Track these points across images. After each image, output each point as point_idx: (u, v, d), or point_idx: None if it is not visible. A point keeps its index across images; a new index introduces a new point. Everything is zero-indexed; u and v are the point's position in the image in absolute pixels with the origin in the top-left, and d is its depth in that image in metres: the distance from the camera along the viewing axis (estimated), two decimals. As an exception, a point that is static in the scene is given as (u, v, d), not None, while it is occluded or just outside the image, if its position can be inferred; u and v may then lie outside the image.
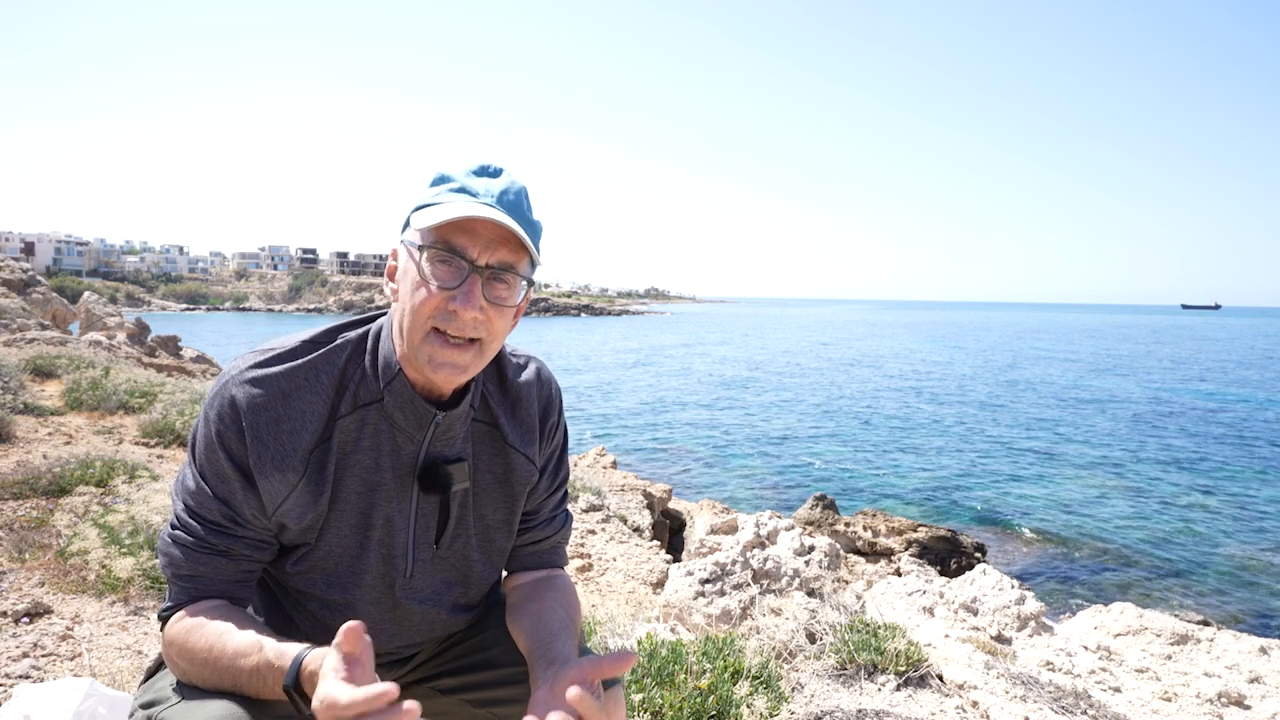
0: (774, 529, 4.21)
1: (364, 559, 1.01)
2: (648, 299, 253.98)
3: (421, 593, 1.07)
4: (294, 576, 1.02)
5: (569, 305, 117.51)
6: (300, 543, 0.99)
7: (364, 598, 1.03)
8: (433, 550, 1.05)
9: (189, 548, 0.94)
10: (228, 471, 0.92)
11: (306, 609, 1.04)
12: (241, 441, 0.91)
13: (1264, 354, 50.74)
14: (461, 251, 0.90)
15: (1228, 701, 2.92)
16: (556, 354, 44.12)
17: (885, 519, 9.45)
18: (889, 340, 65.43)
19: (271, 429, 0.92)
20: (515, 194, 0.95)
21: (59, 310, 14.78)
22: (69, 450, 4.47)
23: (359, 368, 0.99)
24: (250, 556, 0.97)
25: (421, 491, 1.02)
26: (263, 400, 0.92)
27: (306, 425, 0.94)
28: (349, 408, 0.97)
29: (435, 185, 0.95)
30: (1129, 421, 20.91)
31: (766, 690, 2.15)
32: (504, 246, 0.92)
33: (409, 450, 1.01)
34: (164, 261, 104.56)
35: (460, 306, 0.90)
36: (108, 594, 2.68)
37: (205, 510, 0.93)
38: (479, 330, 0.93)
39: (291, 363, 0.95)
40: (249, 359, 0.95)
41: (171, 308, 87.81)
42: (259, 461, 0.92)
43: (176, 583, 0.95)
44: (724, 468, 15.05)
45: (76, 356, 8.04)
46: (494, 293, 0.93)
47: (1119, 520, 11.61)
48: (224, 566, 0.95)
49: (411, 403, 0.98)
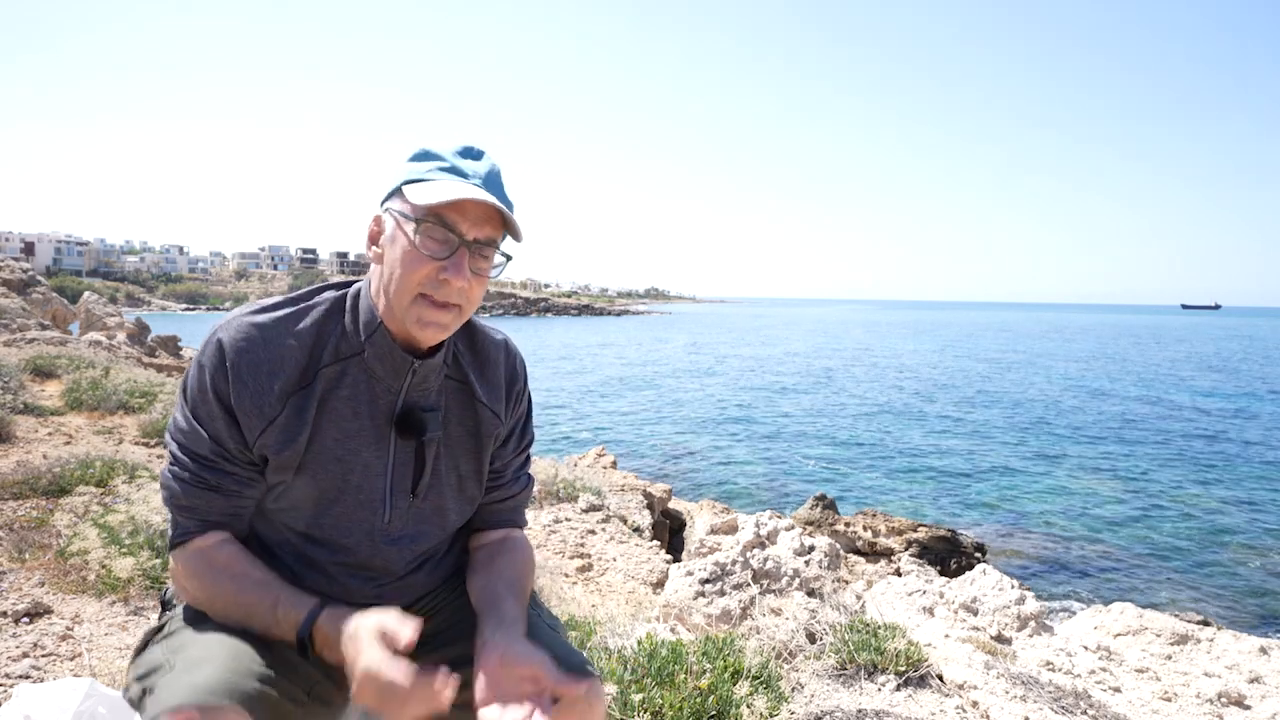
0: (774, 529, 4.21)
1: (341, 502, 1.08)
2: (648, 299, 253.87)
3: (399, 540, 1.13)
4: (276, 512, 1.09)
5: (569, 305, 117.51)
6: (279, 480, 1.06)
7: (343, 538, 1.10)
8: (410, 499, 1.13)
9: (185, 481, 1.04)
10: (215, 410, 1.01)
11: (289, 541, 1.11)
12: (225, 381, 1.01)
13: (1264, 354, 50.74)
14: (453, 226, 1.00)
15: (1228, 701, 2.92)
16: (556, 354, 44.12)
17: (885, 519, 9.45)
18: (889, 340, 65.43)
19: (251, 370, 1.01)
20: (496, 175, 1.05)
21: (59, 310, 14.78)
22: (69, 450, 4.47)
23: (339, 323, 1.08)
24: (239, 492, 1.05)
25: (399, 438, 1.10)
26: (245, 345, 1.01)
27: (284, 368, 1.03)
28: (331, 358, 1.06)
29: (422, 160, 1.04)
30: (1129, 421, 20.91)
31: (766, 690, 2.15)
32: (489, 223, 1.02)
33: (386, 400, 1.09)
34: (164, 261, 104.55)
35: (451, 276, 0.99)
36: (108, 594, 2.68)
37: (195, 445, 1.03)
38: (461, 297, 1.02)
39: (274, 313, 1.05)
40: (238, 311, 1.06)
41: (171, 308, 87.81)
42: (239, 399, 1.01)
43: (180, 513, 1.05)
44: (724, 468, 15.05)
45: (76, 356, 8.04)
46: (477, 265, 1.03)
47: (1119, 520, 11.61)
48: (216, 501, 1.04)
49: (391, 353, 1.06)
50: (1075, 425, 20.29)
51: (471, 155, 1.05)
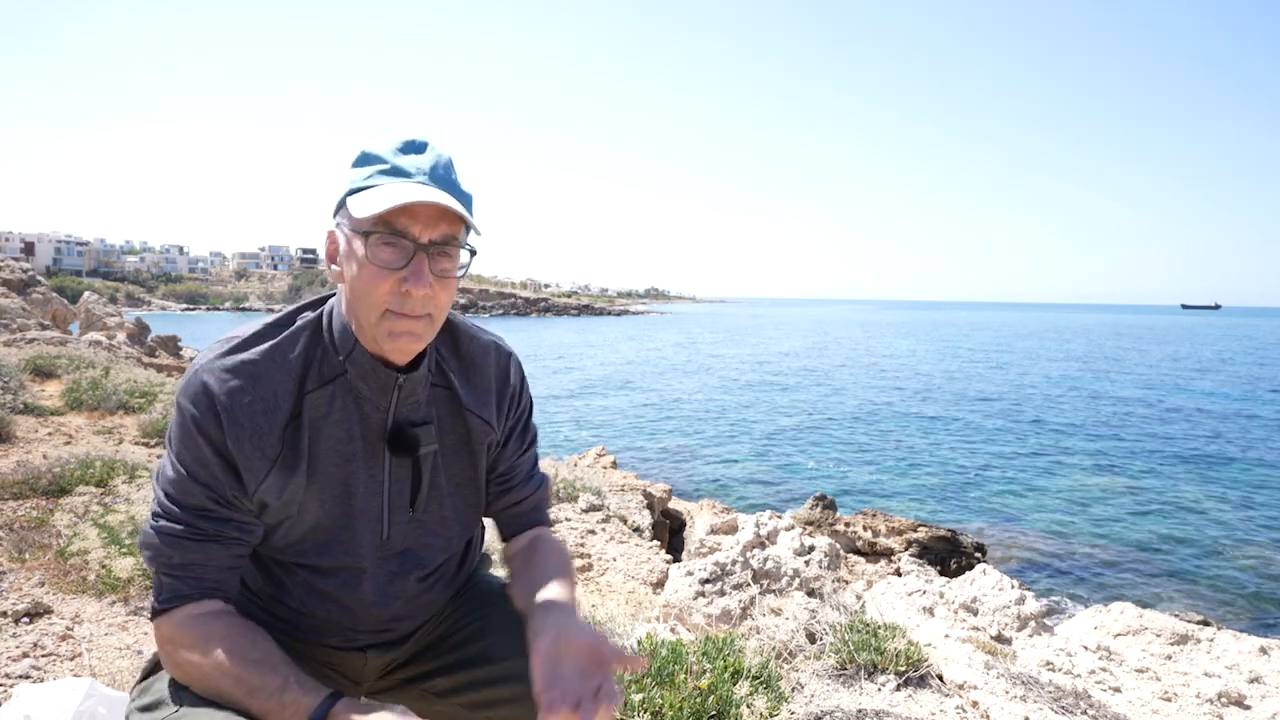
0: (774, 529, 4.21)
1: (350, 527, 1.05)
2: (648, 299, 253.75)
3: (402, 557, 1.10)
4: (284, 549, 1.04)
5: (569, 305, 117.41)
6: (284, 518, 1.01)
7: (351, 563, 1.06)
8: (409, 514, 1.09)
9: (177, 536, 0.95)
10: (207, 456, 0.95)
11: (297, 575, 1.06)
12: (219, 426, 0.94)
13: (1264, 353, 50.74)
14: (404, 231, 0.93)
15: (1228, 701, 2.92)
16: (556, 354, 44.12)
17: (885, 519, 9.45)
18: (889, 340, 65.42)
19: (246, 411, 0.95)
20: (444, 166, 0.97)
21: (59, 310, 14.78)
22: (69, 450, 4.47)
23: (319, 345, 1.03)
24: (238, 539, 0.99)
25: (392, 455, 1.06)
26: (235, 385, 0.95)
27: (279, 404, 0.98)
28: (315, 383, 1.01)
29: (362, 166, 0.97)
30: (1128, 421, 20.90)
31: (766, 690, 2.15)
32: (443, 221, 0.95)
33: (376, 418, 1.05)
34: (164, 261, 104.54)
35: (412, 286, 0.93)
36: (108, 594, 2.68)
37: (188, 496, 0.95)
38: (428, 305, 0.96)
39: (258, 346, 0.98)
40: (217, 348, 0.98)
41: (171, 308, 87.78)
42: (237, 443, 0.94)
43: (169, 575, 0.96)
44: (724, 468, 15.04)
45: (76, 356, 8.04)
46: (439, 266, 0.96)
47: (1119, 520, 11.61)
48: (215, 552, 0.96)
49: (373, 370, 1.01)
50: (1075, 425, 20.29)
51: (414, 149, 0.97)
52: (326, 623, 1.08)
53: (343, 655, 1.12)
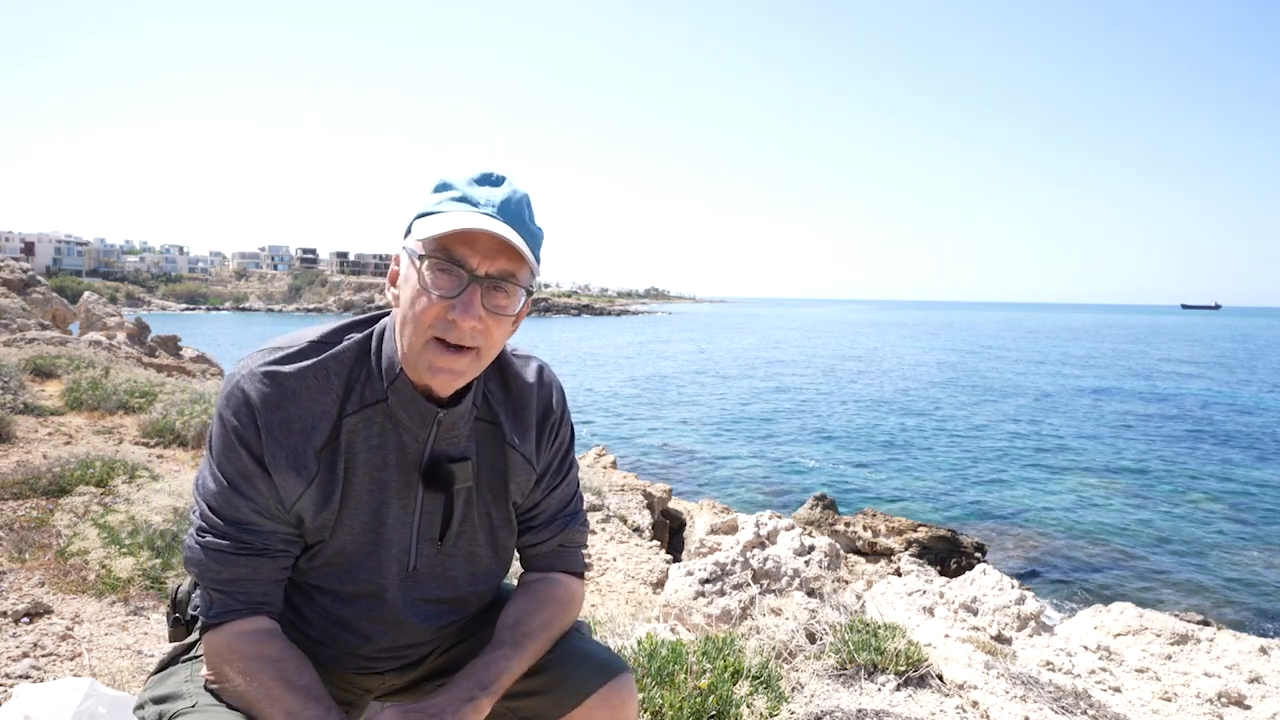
0: (774, 529, 4.21)
1: (376, 555, 1.03)
2: (648, 299, 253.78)
3: (426, 588, 1.08)
4: (308, 572, 1.03)
5: (569, 305, 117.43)
6: (316, 540, 1.01)
7: (375, 591, 1.05)
8: (436, 546, 1.07)
9: (224, 551, 0.94)
10: (249, 467, 0.94)
11: (318, 602, 1.05)
12: (258, 437, 0.93)
13: (1264, 353, 50.73)
14: (461, 261, 0.91)
15: (1228, 701, 2.92)
16: (556, 354, 44.11)
17: (885, 519, 9.45)
18: (889, 340, 65.42)
19: (284, 428, 0.94)
20: (516, 203, 0.95)
21: (59, 310, 14.78)
22: (69, 450, 4.46)
23: (365, 368, 1.00)
24: (285, 552, 0.98)
25: (425, 489, 1.04)
26: (275, 398, 0.93)
27: (317, 425, 0.96)
28: (355, 406, 0.99)
29: (437, 192, 0.96)
30: (1128, 421, 20.91)
31: (766, 690, 2.15)
32: (503, 256, 0.92)
33: (414, 448, 1.02)
34: (164, 261, 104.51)
35: (459, 316, 0.90)
36: (108, 594, 2.68)
37: (232, 509, 0.94)
38: (477, 339, 0.93)
39: (301, 363, 0.96)
40: (259, 357, 0.96)
41: (171, 308, 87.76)
42: (273, 459, 0.93)
43: (218, 590, 0.96)
44: (724, 468, 15.05)
45: (76, 356, 8.03)
46: (493, 301, 0.93)
47: (1119, 520, 11.61)
48: (262, 566, 0.96)
49: (414, 402, 0.99)
50: (1075, 425, 20.30)
51: (489, 182, 0.95)
52: (344, 653, 1.08)
53: (360, 676, 1.13)
